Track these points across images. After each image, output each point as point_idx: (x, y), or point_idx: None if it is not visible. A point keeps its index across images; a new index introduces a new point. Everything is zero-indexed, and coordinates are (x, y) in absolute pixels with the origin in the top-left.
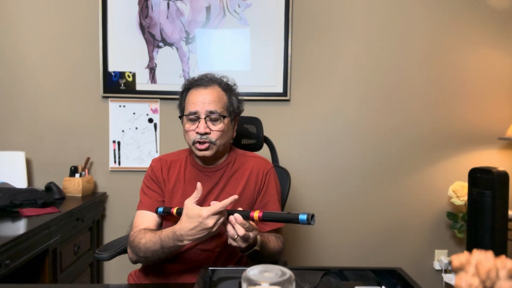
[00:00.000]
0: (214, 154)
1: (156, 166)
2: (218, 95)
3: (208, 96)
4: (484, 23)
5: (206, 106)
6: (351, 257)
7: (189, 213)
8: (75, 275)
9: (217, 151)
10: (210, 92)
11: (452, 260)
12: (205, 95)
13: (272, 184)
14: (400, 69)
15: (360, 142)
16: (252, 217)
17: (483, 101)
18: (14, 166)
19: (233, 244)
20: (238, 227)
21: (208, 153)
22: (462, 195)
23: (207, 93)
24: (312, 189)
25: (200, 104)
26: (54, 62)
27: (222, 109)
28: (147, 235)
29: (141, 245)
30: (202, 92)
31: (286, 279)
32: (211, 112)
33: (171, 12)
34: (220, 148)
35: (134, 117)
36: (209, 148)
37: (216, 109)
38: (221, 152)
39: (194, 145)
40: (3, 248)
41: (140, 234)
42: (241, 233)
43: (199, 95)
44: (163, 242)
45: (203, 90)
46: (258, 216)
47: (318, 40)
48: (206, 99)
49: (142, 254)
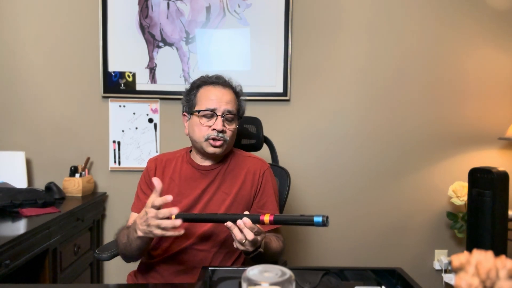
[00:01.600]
0: (223, 152)
1: (150, 166)
2: (232, 97)
3: (226, 96)
4: (484, 23)
5: (224, 104)
6: (351, 257)
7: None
8: (75, 275)
9: (226, 150)
10: (228, 93)
11: (452, 260)
12: (223, 95)
13: (269, 185)
14: (400, 69)
15: (360, 142)
16: (262, 221)
17: (483, 101)
18: (14, 166)
19: (240, 248)
20: (247, 231)
21: (219, 151)
22: (462, 195)
23: (226, 93)
24: (312, 189)
25: (219, 102)
26: (54, 62)
27: (236, 110)
28: (123, 231)
29: (118, 240)
30: (221, 91)
31: (286, 279)
32: (229, 111)
33: (171, 12)
34: (229, 147)
35: (134, 117)
36: (221, 145)
37: (233, 109)
38: (226, 151)
39: (207, 141)
40: (3, 248)
41: (121, 231)
42: (251, 237)
43: (217, 93)
44: (129, 234)
45: (222, 89)
46: (269, 220)
47: (318, 40)
48: (224, 98)
49: (120, 249)
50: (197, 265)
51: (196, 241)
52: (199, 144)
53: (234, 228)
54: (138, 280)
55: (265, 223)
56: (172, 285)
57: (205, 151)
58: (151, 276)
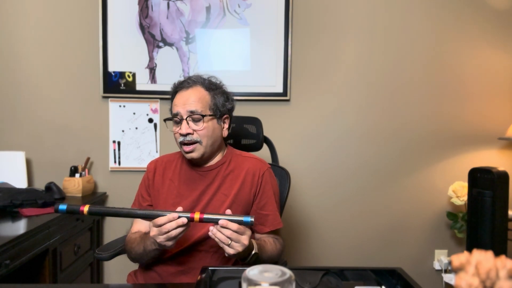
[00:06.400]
0: (202, 155)
1: (149, 168)
2: (200, 95)
3: (189, 97)
4: (485, 23)
5: (186, 106)
6: (351, 257)
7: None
8: (75, 275)
9: (204, 152)
10: (191, 93)
11: (452, 260)
12: (186, 97)
13: (268, 186)
14: (400, 69)
15: (360, 142)
16: (192, 218)
17: (483, 101)
18: (14, 166)
19: (231, 252)
20: (226, 230)
21: (194, 155)
22: (462, 195)
23: (188, 94)
24: (312, 188)
25: (181, 106)
26: (54, 62)
27: (204, 108)
28: (137, 239)
29: (131, 248)
30: (183, 94)
31: (286, 279)
32: (192, 112)
33: (171, 12)
34: (207, 148)
35: (134, 117)
36: (195, 149)
37: (196, 108)
38: (209, 152)
39: (181, 147)
40: (3, 248)
41: (131, 237)
42: (234, 227)
43: (181, 97)
44: (145, 245)
45: (184, 92)
46: (199, 218)
47: (318, 40)
48: (187, 100)
49: (134, 257)
50: (196, 265)
51: (196, 242)
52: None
53: (216, 233)
54: (138, 280)
55: (195, 221)
56: (171, 285)
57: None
58: (151, 277)
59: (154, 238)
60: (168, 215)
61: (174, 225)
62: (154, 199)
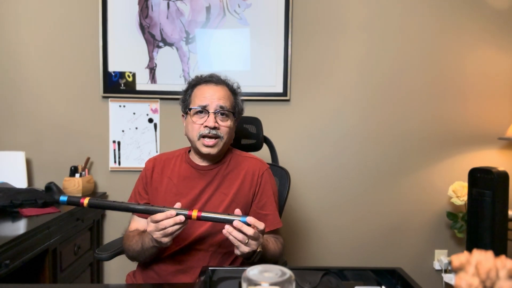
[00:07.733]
0: (219, 151)
1: (147, 166)
2: (227, 93)
3: (219, 92)
4: (484, 23)
5: (216, 101)
6: (351, 257)
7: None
8: (75, 275)
9: (222, 149)
10: (221, 89)
11: (452, 260)
12: (216, 91)
13: (268, 186)
14: (400, 69)
15: (360, 142)
16: (190, 216)
17: (483, 101)
18: (14, 166)
19: (246, 250)
20: (247, 228)
21: (214, 151)
22: (462, 195)
23: (218, 90)
24: (312, 189)
25: (210, 99)
26: (54, 62)
27: (231, 107)
28: (135, 237)
29: (129, 246)
30: (213, 88)
31: (286, 279)
32: (222, 107)
33: (171, 12)
34: (225, 146)
35: (134, 117)
36: (216, 145)
37: (226, 105)
38: (224, 150)
39: (199, 140)
40: (3, 248)
41: (129, 235)
42: (251, 232)
43: (209, 90)
44: (143, 243)
45: (214, 86)
46: (197, 216)
47: (318, 40)
48: (216, 94)
49: (131, 255)
50: (195, 265)
51: (194, 241)
52: (194, 143)
53: (232, 231)
54: (137, 280)
55: (193, 219)
56: (171, 285)
57: (200, 152)
58: (150, 276)
59: (151, 233)
60: (166, 212)
61: (171, 222)
62: (152, 197)
